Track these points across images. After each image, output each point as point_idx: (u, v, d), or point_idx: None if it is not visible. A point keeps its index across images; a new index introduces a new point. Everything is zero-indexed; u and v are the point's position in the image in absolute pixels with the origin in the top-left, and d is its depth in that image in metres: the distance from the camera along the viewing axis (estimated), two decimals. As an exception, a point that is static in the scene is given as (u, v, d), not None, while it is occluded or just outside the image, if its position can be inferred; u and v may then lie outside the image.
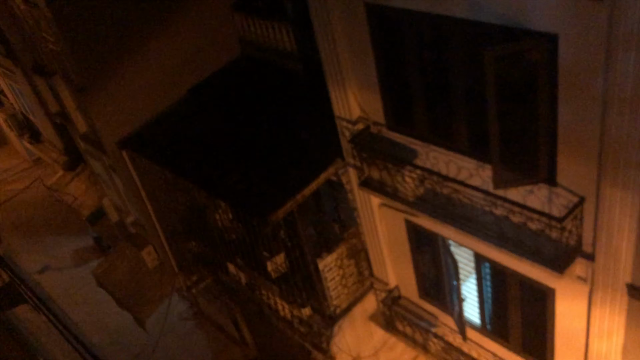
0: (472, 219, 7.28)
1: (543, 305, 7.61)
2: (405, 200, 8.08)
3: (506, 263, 7.60)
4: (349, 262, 10.07)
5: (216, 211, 11.29)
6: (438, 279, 9.19)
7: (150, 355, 13.25)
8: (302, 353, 11.69)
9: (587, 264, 6.52)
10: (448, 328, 9.51)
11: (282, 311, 10.97)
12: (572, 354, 7.64)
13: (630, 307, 6.42)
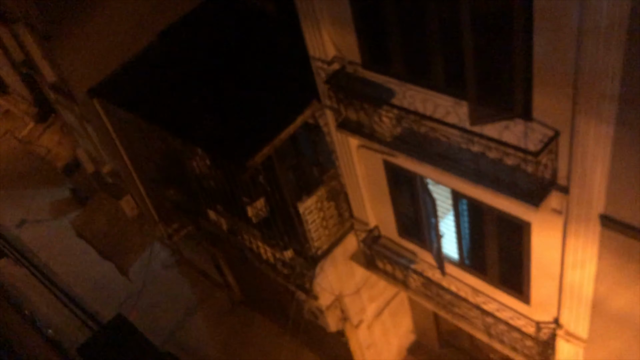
0: (450, 156, 7.31)
1: (519, 238, 7.78)
2: (383, 141, 8.07)
3: (483, 199, 7.70)
4: (329, 204, 10.13)
5: (193, 158, 11.18)
6: (417, 217, 9.31)
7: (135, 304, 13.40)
8: (286, 294, 11.92)
9: (562, 196, 6.63)
10: (427, 264, 9.72)
11: (265, 254, 11.09)
12: (548, 285, 7.88)
13: (602, 237, 6.58)
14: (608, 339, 7.58)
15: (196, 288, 16.62)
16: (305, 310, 11.45)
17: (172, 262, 17.37)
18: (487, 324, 8.99)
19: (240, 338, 14.93)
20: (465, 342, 12.03)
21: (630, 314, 7.03)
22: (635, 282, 6.69)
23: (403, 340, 13.28)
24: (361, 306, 11.70)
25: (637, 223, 6.15)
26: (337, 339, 11.96)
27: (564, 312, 7.83)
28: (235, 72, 10.57)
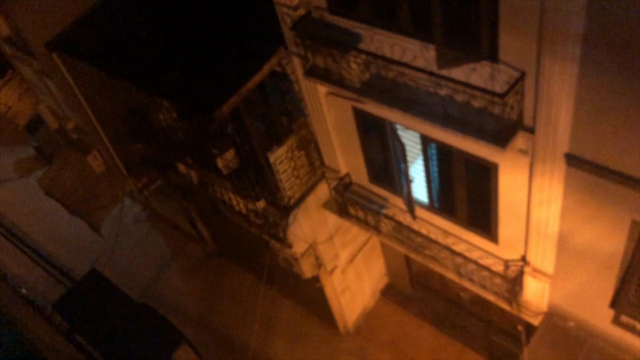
0: (418, 101, 7.32)
1: (487, 180, 7.92)
2: (352, 87, 8.01)
3: (451, 142, 7.78)
4: (300, 153, 10.12)
5: (159, 111, 10.97)
6: (387, 163, 9.39)
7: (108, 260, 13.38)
8: (260, 243, 12.03)
9: (528, 136, 6.74)
10: (398, 209, 9.87)
11: (237, 206, 11.10)
12: (515, 224, 8.09)
13: (567, 175, 6.75)
14: (572, 274, 7.89)
15: (169, 241, 16.65)
16: (279, 259, 11.59)
17: (143, 217, 17.29)
18: (457, 264, 9.24)
19: (215, 289, 15.11)
20: (436, 282, 12.39)
21: (593, 248, 7.29)
22: (598, 218, 6.92)
23: (376, 283, 13.61)
24: (335, 252, 11.89)
25: (600, 160, 6.30)
26: (312, 285, 12.19)
27: (530, 249, 8.09)
28: (199, 21, 10.28)
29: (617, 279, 7.37)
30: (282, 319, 13.97)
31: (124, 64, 10.32)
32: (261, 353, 13.10)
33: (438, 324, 12.82)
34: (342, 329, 13.28)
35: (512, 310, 8.96)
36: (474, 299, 11.59)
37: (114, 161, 13.53)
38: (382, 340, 13.04)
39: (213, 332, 14.04)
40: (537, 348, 8.56)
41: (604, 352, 8.28)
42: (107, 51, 10.74)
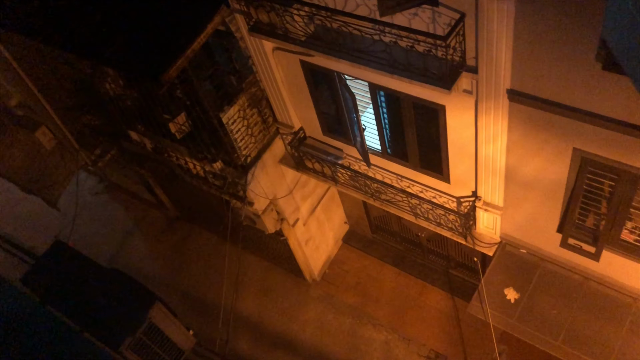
0: (364, 50, 7.43)
1: (436, 122, 8.18)
2: (298, 41, 8.05)
3: (399, 88, 7.97)
4: (252, 111, 10.15)
5: (105, 80, 10.76)
6: (339, 114, 9.54)
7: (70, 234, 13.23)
8: (221, 204, 12.12)
9: (472, 76, 6.97)
10: (353, 158, 10.10)
11: (194, 169, 11.12)
12: (464, 162, 8.44)
13: (511, 110, 7.05)
14: (521, 204, 8.33)
15: (130, 211, 16.55)
16: (242, 217, 11.74)
17: (101, 189, 17.08)
18: (412, 205, 9.59)
19: (181, 252, 15.22)
20: (394, 225, 12.81)
21: (538, 178, 7.70)
22: (541, 149, 7.29)
23: (338, 231, 13.97)
24: (295, 206, 12.12)
25: (541, 93, 6.61)
26: (276, 239, 12.44)
27: (481, 185, 8.47)
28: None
29: (562, 205, 7.83)
30: (250, 274, 14.26)
31: (62, 34, 10.01)
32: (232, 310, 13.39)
33: (399, 264, 13.33)
34: (308, 278, 13.67)
35: (468, 243, 9.42)
36: (431, 237, 12.08)
37: (65, 135, 13.23)
38: (348, 284, 13.50)
39: (183, 294, 14.24)
40: (493, 276, 9.08)
41: (555, 274, 8.85)
42: (44, 21, 10.37)
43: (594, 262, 8.13)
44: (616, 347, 8.12)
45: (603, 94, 6.09)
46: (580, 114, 6.43)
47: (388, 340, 12.50)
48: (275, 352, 12.97)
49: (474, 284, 11.53)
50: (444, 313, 12.49)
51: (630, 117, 6.06)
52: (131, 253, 15.46)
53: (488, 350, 11.25)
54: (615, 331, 8.21)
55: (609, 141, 6.54)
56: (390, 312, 12.82)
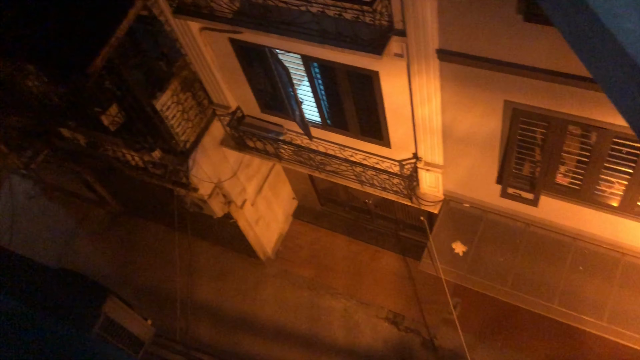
0: (292, 22, 7.39)
1: (371, 89, 8.26)
2: (224, 19, 7.92)
3: (332, 58, 7.98)
4: (186, 95, 9.95)
5: (27, 78, 10.27)
6: (275, 90, 9.48)
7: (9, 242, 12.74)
8: (165, 193, 11.91)
9: (401, 40, 7.05)
10: (294, 133, 10.09)
11: (133, 160, 10.85)
12: (403, 126, 8.58)
13: (441, 69, 7.20)
14: (460, 160, 8.57)
15: (71, 210, 16.04)
16: (188, 204, 11.59)
17: (37, 192, 16.45)
18: (357, 173, 9.71)
19: (129, 247, 14.92)
20: (342, 195, 12.95)
21: (474, 133, 7.93)
22: (474, 104, 7.49)
23: (287, 207, 14.01)
24: (241, 187, 12.05)
25: (469, 50, 6.77)
26: (226, 222, 12.36)
27: (420, 146, 8.65)
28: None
29: (499, 157, 8.11)
30: (203, 261, 14.15)
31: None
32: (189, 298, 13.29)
33: (350, 233, 13.53)
34: (262, 257, 13.70)
35: (413, 204, 9.65)
36: (378, 203, 12.30)
37: (-11, 139, 12.63)
38: (302, 258, 13.61)
39: (137, 288, 14.00)
40: (440, 233, 9.36)
41: (498, 224, 9.20)
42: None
43: (533, 208, 8.50)
44: (560, 284, 8.56)
45: (527, 45, 6.29)
46: (508, 67, 6.63)
47: (347, 307, 12.73)
48: (237, 334, 13.01)
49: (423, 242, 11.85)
50: (398, 274, 12.81)
51: (555, 65, 6.31)
52: (78, 253, 15.03)
53: (443, 304, 11.63)
54: (559, 270, 8.65)
55: (537, 90, 6.79)
56: (346, 279, 13.04)
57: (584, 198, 7.91)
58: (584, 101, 6.55)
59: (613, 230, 8.17)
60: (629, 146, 6.86)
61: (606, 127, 6.72)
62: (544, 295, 8.59)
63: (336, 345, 12.38)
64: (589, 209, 8.04)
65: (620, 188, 7.51)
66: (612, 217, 7.94)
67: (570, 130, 7.22)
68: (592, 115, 6.69)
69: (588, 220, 8.27)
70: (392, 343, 12.13)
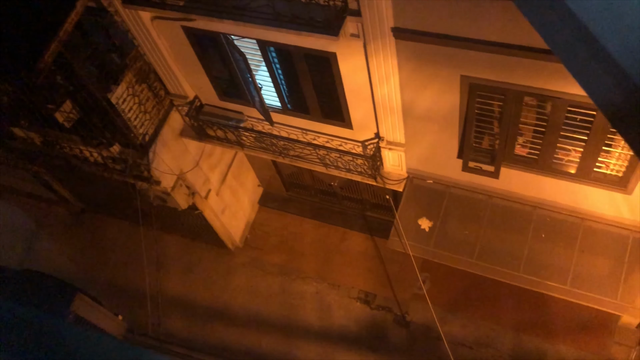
0: (246, 7, 7.30)
1: (329, 70, 8.24)
2: (176, 7, 7.76)
3: (288, 42, 7.92)
4: (141, 87, 9.75)
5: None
6: (232, 77, 9.37)
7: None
8: (127, 188, 11.70)
9: (356, 20, 7.04)
10: (255, 119, 10.02)
11: (91, 157, 10.61)
12: (363, 106, 8.60)
13: (398, 47, 7.22)
14: (421, 137, 8.66)
15: (30, 212, 15.61)
16: (151, 198, 11.41)
17: (-8, 195, 15.95)
18: (321, 156, 9.72)
19: (94, 245, 14.64)
20: (307, 179, 12.95)
21: (434, 109, 8.01)
22: (432, 80, 7.56)
23: (252, 195, 13.95)
24: (205, 177, 11.92)
25: (423, 27, 6.81)
26: (191, 213, 12.24)
27: (382, 126, 8.70)
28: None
29: (459, 132, 8.22)
30: (171, 254, 13.99)
31: None
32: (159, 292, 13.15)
33: (318, 216, 13.56)
34: (231, 247, 13.63)
35: (378, 183, 9.73)
36: (344, 185, 12.35)
37: (-63, 144, 12.15)
38: (271, 245, 13.60)
39: (105, 285, 13.77)
40: (406, 210, 9.47)
41: (462, 198, 9.36)
42: None
43: (494, 180, 8.66)
44: (524, 253, 8.78)
45: (481, 19, 6.36)
46: (463, 42, 6.70)
47: (319, 290, 12.81)
48: (210, 324, 12.95)
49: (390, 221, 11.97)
50: (367, 254, 12.93)
51: (509, 38, 6.40)
52: (39, 256, 14.68)
53: (413, 280, 11.81)
54: (522, 239, 8.87)
55: (492, 64, 6.88)
56: (316, 263, 13.10)
57: (542, 167, 8.10)
58: (538, 72, 6.68)
59: (572, 196, 8.40)
60: (583, 114, 7.04)
61: (560, 96, 6.88)
62: (510, 264, 8.80)
63: (310, 328, 12.46)
64: (548, 178, 8.24)
65: (577, 155, 7.71)
66: (571, 184, 8.16)
67: (526, 102, 7.36)
68: (546, 85, 6.83)
69: (548, 189, 8.49)
70: (365, 322, 12.28)
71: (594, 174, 7.83)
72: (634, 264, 8.34)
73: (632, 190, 7.69)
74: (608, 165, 7.70)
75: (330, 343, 12.22)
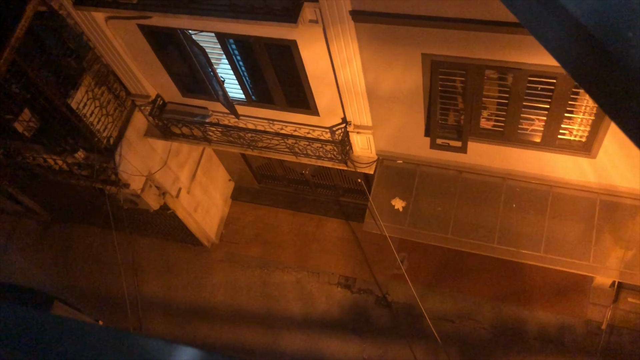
0: (201, 0, 7.20)
1: (291, 58, 8.20)
2: (129, 5, 7.61)
3: (247, 32, 7.85)
4: (101, 89, 9.57)
5: None
6: (194, 73, 9.25)
7: None
8: (95, 194, 11.50)
9: (314, 5, 7.00)
10: (221, 113, 9.92)
11: (56, 165, 10.39)
12: (328, 92, 8.59)
13: (357, 31, 7.22)
14: (388, 118, 8.69)
15: (-3, 227, 15.25)
16: (121, 202, 11.24)
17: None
18: (290, 145, 9.69)
19: (68, 254, 14.39)
20: (278, 169, 12.92)
21: (398, 89, 8.05)
22: (394, 61, 7.58)
23: (224, 190, 13.85)
24: (174, 176, 11.79)
25: (380, 8, 6.81)
26: (164, 214, 12.10)
27: (348, 110, 8.70)
28: None
29: (424, 110, 8.28)
30: (147, 257, 13.84)
31: None
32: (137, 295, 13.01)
33: (292, 206, 13.55)
34: (207, 243, 13.54)
35: (349, 168, 9.75)
36: (315, 172, 12.35)
37: None
38: (247, 238, 13.56)
39: (83, 293, 13.57)
40: (378, 192, 9.52)
41: (432, 175, 9.45)
42: None
43: (462, 155, 8.76)
44: (497, 224, 8.93)
45: (436, -4, 6.39)
46: (421, 20, 6.73)
47: (299, 279, 12.83)
48: (193, 323, 12.88)
49: (364, 204, 12.04)
50: (344, 239, 12.98)
51: (465, 13, 6.45)
52: (9, 270, 14.35)
53: (391, 260, 11.92)
54: (494, 211, 9.01)
55: (451, 40, 6.93)
56: (294, 252, 13.11)
57: (508, 138, 8.22)
58: (497, 45, 6.75)
59: (539, 165, 8.56)
60: (543, 83, 7.15)
61: (520, 67, 6.97)
62: (484, 237, 8.94)
63: (293, 317, 12.49)
64: (514, 149, 8.37)
65: (541, 124, 7.84)
66: (537, 153, 8.30)
67: (488, 75, 7.44)
68: (506, 57, 6.91)
69: (515, 159, 8.62)
70: (347, 306, 12.36)
71: (559, 141, 7.98)
72: (603, 225, 8.55)
73: (596, 154, 7.87)
74: (571, 131, 7.85)
75: (315, 330, 12.27)
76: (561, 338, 11.03)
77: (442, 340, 10.35)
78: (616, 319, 10.86)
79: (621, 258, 8.44)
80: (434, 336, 10.18)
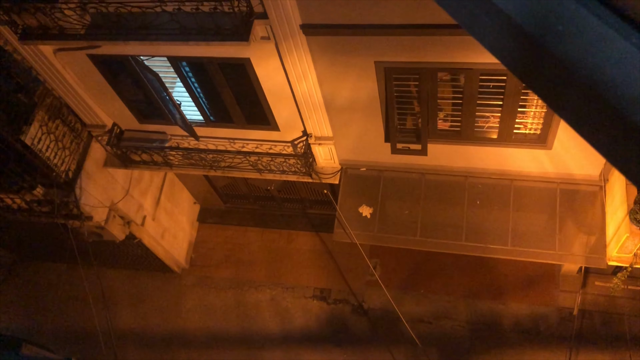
0: (150, 25, 7.15)
1: (246, 76, 8.21)
2: (77, 36, 7.51)
3: (199, 54, 7.83)
4: (55, 123, 9.39)
5: None
6: (149, 98, 9.16)
7: None
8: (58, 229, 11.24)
9: (264, 22, 7.04)
10: (180, 136, 9.84)
11: (14, 204, 10.12)
12: (286, 107, 8.61)
13: (309, 44, 7.28)
14: (348, 127, 8.77)
15: (-43, 274, 14.72)
16: (86, 235, 11.01)
17: None
18: (253, 163, 9.67)
19: (34, 294, 13.99)
20: (243, 188, 12.85)
21: (355, 98, 8.13)
22: (348, 71, 7.67)
23: (190, 213, 13.71)
24: (137, 204, 11.62)
25: (330, 20, 6.90)
26: (130, 243, 11.90)
27: (307, 123, 8.74)
28: None
29: (382, 116, 8.38)
30: (116, 288, 13.56)
31: None
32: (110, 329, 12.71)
33: (260, 223, 13.49)
34: (177, 269, 13.36)
35: (314, 180, 9.78)
36: (281, 187, 12.34)
37: None
38: (218, 260, 13.43)
39: (53, 333, 13.19)
40: (345, 201, 9.58)
41: (396, 180, 9.56)
42: None
43: (423, 157, 8.89)
44: (464, 222, 9.07)
45: (382, 4, 6.50)
46: (370, 29, 6.83)
47: (273, 296, 12.76)
48: (170, 351, 12.65)
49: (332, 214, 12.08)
50: (315, 251, 12.98)
51: (411, 18, 6.58)
52: (-24, 317, 13.88)
53: (364, 268, 11.97)
54: (459, 209, 9.16)
55: (401, 46, 7.05)
56: (267, 269, 13.04)
57: (466, 137, 8.38)
58: (446, 47, 6.90)
59: (498, 160, 8.75)
60: (494, 80, 7.34)
61: (471, 67, 7.14)
62: (452, 235, 9.07)
63: (272, 335, 12.40)
64: (473, 147, 8.54)
65: (496, 121, 8.03)
66: (495, 149, 8.49)
67: (441, 77, 7.59)
68: (455, 59, 7.07)
69: (475, 157, 8.80)
70: (324, 318, 12.34)
71: (515, 136, 8.18)
72: (565, 213, 8.78)
73: (552, 145, 8.09)
74: (526, 125, 8.06)
75: (294, 346, 12.20)
76: (536, 327, 11.23)
77: (421, 341, 10.42)
78: (586, 304, 11.13)
79: (585, 244, 8.67)
80: (413, 339, 10.24)
